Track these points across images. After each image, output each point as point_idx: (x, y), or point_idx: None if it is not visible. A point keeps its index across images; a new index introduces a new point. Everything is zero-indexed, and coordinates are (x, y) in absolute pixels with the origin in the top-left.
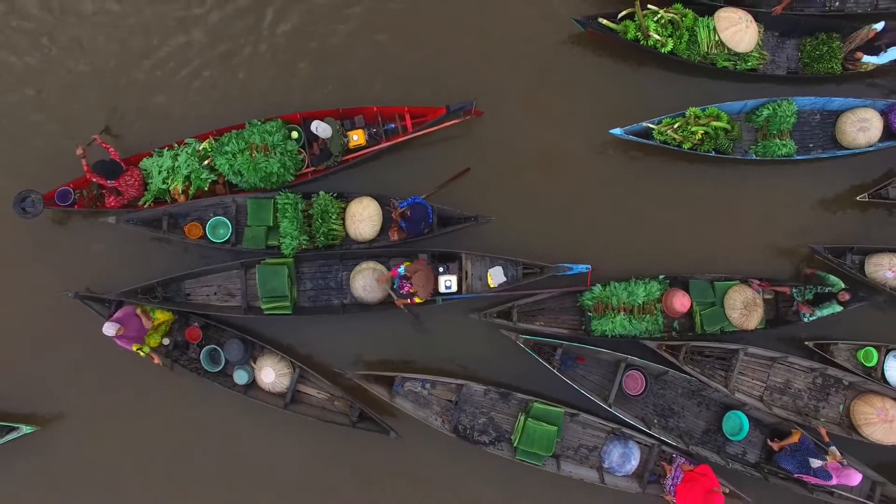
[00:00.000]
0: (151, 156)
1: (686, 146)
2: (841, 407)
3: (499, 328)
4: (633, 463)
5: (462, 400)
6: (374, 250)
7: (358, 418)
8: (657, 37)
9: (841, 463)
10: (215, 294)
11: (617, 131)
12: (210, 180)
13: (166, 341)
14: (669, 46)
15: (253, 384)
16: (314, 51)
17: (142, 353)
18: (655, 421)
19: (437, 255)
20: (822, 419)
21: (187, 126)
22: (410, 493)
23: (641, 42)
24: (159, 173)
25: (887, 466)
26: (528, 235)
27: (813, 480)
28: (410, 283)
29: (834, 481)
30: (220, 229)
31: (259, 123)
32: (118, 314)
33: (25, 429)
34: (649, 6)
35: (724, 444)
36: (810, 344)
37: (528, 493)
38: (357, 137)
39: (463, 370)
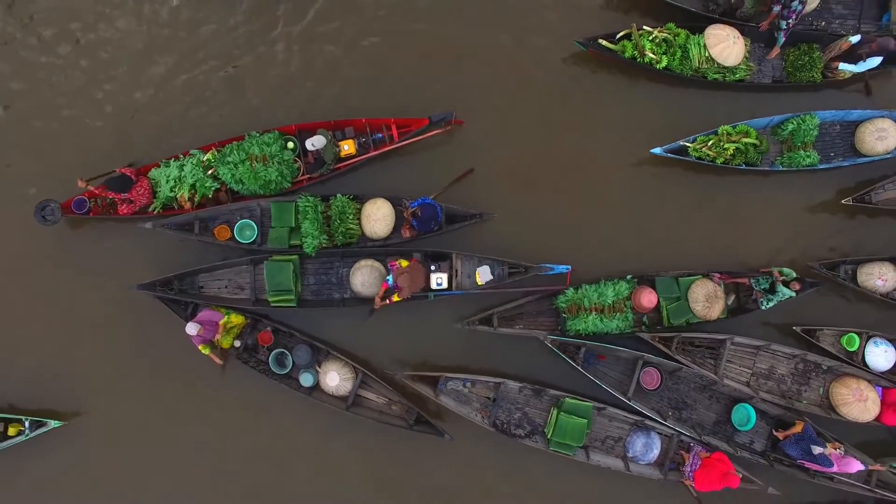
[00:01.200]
0: (159, 166)
1: (719, 161)
2: (821, 389)
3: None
4: (655, 452)
5: (500, 397)
6: (371, 248)
7: (414, 421)
8: (652, 55)
9: (842, 451)
10: (226, 287)
11: (657, 150)
12: (214, 188)
13: (237, 343)
14: (664, 63)
15: (317, 387)
16: (308, 68)
17: (205, 352)
18: (670, 413)
19: (430, 254)
20: (804, 401)
21: (192, 138)
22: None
23: (638, 60)
24: (167, 182)
25: (864, 442)
26: (515, 237)
27: (815, 467)
28: (400, 281)
29: (834, 468)
30: (246, 231)
31: (258, 135)
32: (201, 316)
33: (53, 423)
34: (644, 27)
35: (733, 433)
36: (798, 329)
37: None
38: (348, 147)
39: (499, 370)
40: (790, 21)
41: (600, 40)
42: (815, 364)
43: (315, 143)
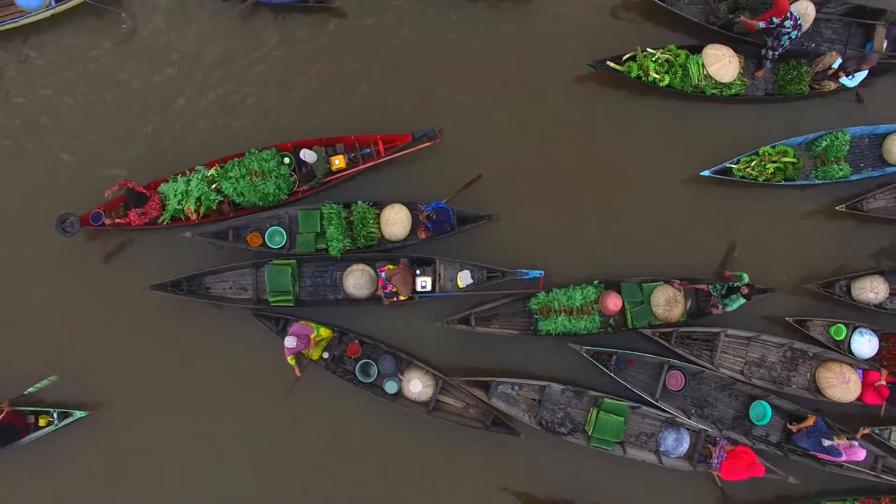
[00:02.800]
0: (168, 181)
1: (761, 179)
2: (808, 375)
3: (566, 343)
4: (685, 446)
5: (544, 398)
6: (365, 254)
7: (491, 423)
8: (655, 74)
9: (849, 442)
10: (230, 288)
11: (706, 172)
12: (217, 201)
13: (326, 355)
14: (666, 81)
15: (399, 393)
16: (302, 91)
17: (291, 363)
18: (693, 411)
19: (415, 259)
20: (793, 385)
21: (196, 156)
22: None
23: (643, 79)
24: (175, 196)
25: (846, 417)
26: (496, 244)
27: (825, 457)
28: (392, 285)
29: (843, 458)
30: (276, 237)
31: (257, 152)
32: (295, 330)
33: (79, 413)
34: (648, 49)
35: (751, 428)
36: (790, 319)
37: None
38: (338, 161)
39: (542, 374)
40: (777, 52)
41: (608, 62)
42: (802, 351)
43: (307, 156)
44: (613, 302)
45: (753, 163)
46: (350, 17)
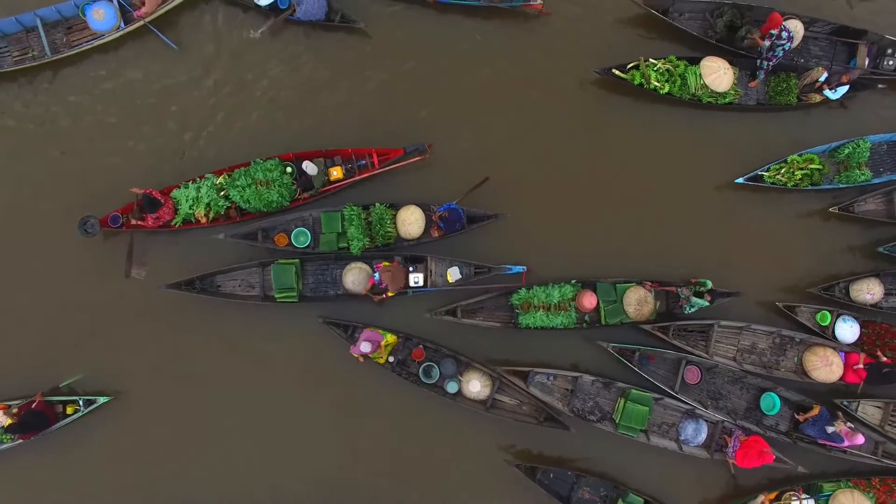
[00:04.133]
0: (180, 188)
1: (790, 185)
2: (795, 358)
3: (594, 340)
4: (703, 436)
5: (577, 388)
6: (361, 253)
7: (544, 419)
8: (656, 83)
9: (851, 429)
10: (239, 286)
11: (740, 180)
12: (225, 206)
13: (391, 359)
14: (666, 89)
15: (459, 393)
16: (304, 107)
17: (361, 360)
18: (709, 402)
19: (408, 257)
20: (782, 369)
21: (206, 165)
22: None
23: (644, 86)
24: (186, 201)
25: (829, 394)
26: (489, 243)
27: (830, 443)
28: (384, 280)
29: (846, 444)
30: (301, 237)
31: (261, 162)
32: (368, 336)
33: (102, 399)
34: (650, 59)
35: (762, 418)
36: (780, 305)
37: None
38: (336, 172)
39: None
40: (771, 63)
41: (613, 70)
42: (790, 338)
43: (308, 168)
44: (589, 300)
45: (783, 170)
46: (372, 37)
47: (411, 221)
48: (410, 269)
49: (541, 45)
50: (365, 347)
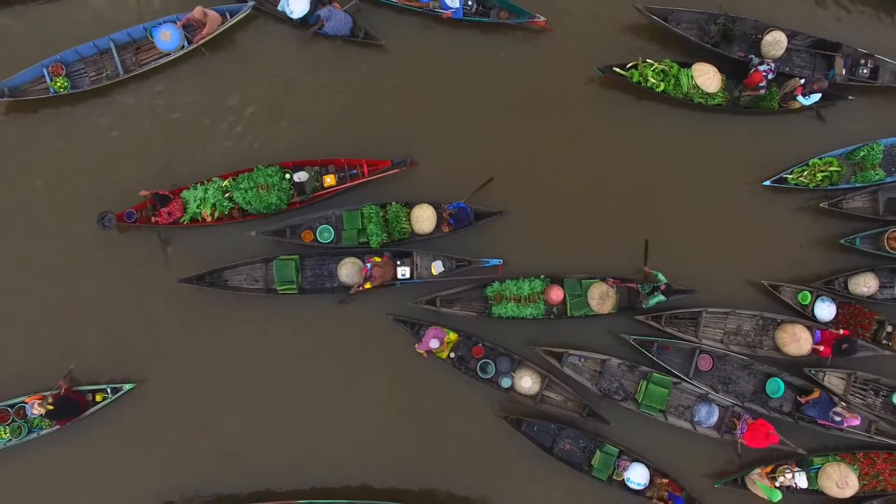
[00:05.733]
0: (189, 189)
1: (811, 185)
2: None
3: (618, 334)
4: (715, 418)
5: (604, 370)
6: (358, 249)
7: (587, 413)
8: (653, 81)
9: (848, 409)
10: (244, 279)
11: (766, 182)
12: (229, 207)
13: (452, 355)
14: (661, 88)
15: (512, 388)
16: (302, 120)
17: (424, 356)
18: (720, 387)
19: (396, 252)
20: (765, 347)
21: (213, 169)
22: None
23: (642, 84)
24: (194, 201)
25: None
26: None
27: (829, 423)
28: (374, 273)
29: (844, 424)
30: (325, 234)
31: (263, 168)
32: (434, 334)
33: (127, 386)
34: (648, 60)
35: (767, 400)
36: (766, 283)
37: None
38: (330, 180)
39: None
40: (765, 90)
41: (615, 68)
42: (771, 319)
43: (300, 176)
44: (556, 294)
45: (805, 172)
46: (389, 53)
47: (424, 218)
48: (398, 262)
49: (545, 55)
50: (434, 343)
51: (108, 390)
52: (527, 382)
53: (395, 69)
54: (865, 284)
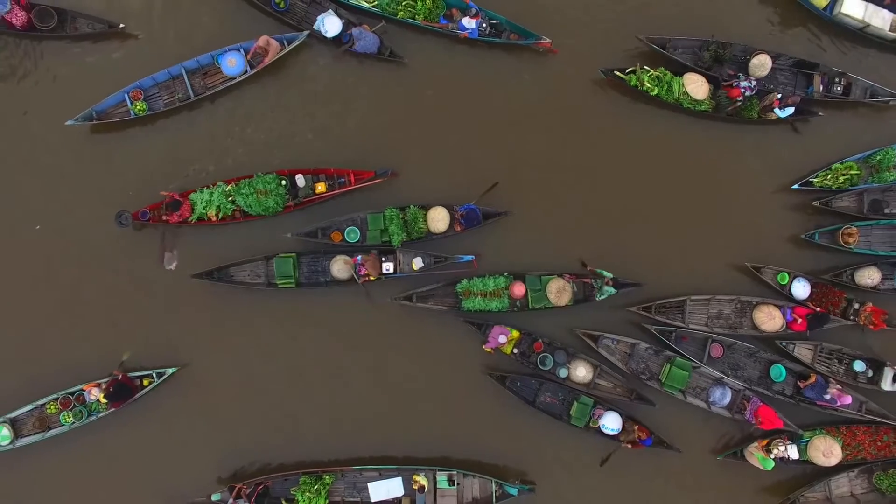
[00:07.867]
0: (196, 192)
1: (834, 186)
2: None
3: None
4: (728, 399)
5: (634, 353)
6: (352, 248)
7: (634, 397)
8: (648, 85)
9: (840, 391)
10: (248, 275)
11: (795, 186)
12: (232, 209)
13: (515, 350)
14: (655, 92)
15: (568, 377)
16: (299, 131)
17: (490, 352)
18: (730, 372)
19: (381, 250)
20: (745, 328)
21: (218, 175)
22: None
23: (638, 87)
24: (201, 203)
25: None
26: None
27: (824, 404)
28: (364, 268)
29: (837, 404)
30: (352, 234)
31: (262, 175)
32: (500, 331)
33: (171, 370)
34: (646, 66)
35: (771, 384)
36: (749, 265)
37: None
38: (321, 187)
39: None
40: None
41: (615, 71)
42: (749, 302)
43: (298, 181)
44: (518, 289)
45: (829, 175)
46: (409, 70)
47: (439, 219)
48: (383, 258)
49: (549, 73)
50: (501, 339)
51: (154, 374)
52: (581, 372)
53: (415, 83)
54: (869, 277)
